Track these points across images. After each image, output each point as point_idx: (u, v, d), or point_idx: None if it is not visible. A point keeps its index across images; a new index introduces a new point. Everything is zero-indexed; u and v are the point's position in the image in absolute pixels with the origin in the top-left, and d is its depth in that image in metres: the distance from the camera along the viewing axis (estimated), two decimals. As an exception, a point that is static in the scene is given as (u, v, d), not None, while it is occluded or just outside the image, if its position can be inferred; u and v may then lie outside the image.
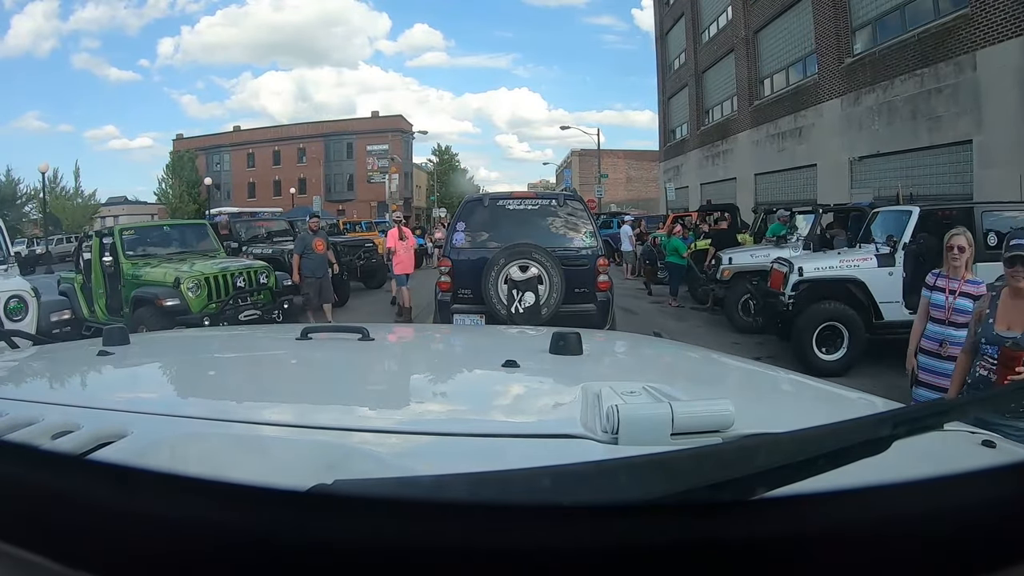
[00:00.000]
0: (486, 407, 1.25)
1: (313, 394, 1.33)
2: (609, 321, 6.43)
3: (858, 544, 0.42)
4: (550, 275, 6.08)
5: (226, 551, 0.41)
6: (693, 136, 28.21)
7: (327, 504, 0.45)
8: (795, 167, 18.92)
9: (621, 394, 0.99)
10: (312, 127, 59.78)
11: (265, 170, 58.95)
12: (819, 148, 17.46)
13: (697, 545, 0.41)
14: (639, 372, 1.70)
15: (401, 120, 57.43)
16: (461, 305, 6.45)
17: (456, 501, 0.47)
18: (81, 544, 0.42)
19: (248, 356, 1.85)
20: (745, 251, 10.01)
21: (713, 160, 25.61)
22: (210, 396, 1.32)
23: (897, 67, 14.29)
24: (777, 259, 8.06)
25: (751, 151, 21.87)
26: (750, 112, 22.06)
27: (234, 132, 62.52)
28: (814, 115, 17.81)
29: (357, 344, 1.64)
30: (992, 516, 0.44)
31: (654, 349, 2.04)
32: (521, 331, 2.51)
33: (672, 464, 0.53)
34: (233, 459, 0.85)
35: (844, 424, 0.63)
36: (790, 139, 19.19)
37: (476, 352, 1.94)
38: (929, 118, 13.37)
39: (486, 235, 6.60)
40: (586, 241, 6.57)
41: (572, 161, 60.86)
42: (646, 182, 56.91)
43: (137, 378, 1.48)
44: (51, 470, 0.45)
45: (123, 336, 1.61)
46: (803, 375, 1.65)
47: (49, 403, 1.06)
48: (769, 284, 7.84)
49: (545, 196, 7.32)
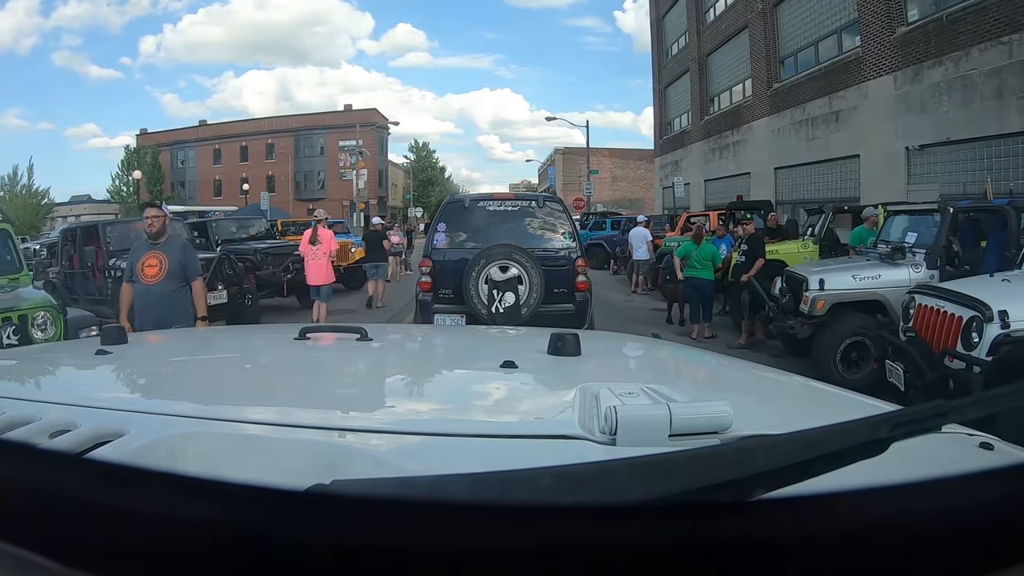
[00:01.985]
0: (485, 408, 1.27)
1: (311, 394, 1.33)
2: (588, 321, 6.38)
3: (857, 546, 0.42)
4: (530, 275, 6.11)
5: (224, 551, 0.41)
6: (696, 127, 25.18)
7: (325, 504, 0.45)
8: (830, 159, 15.97)
9: (619, 395, 0.99)
10: (281, 121, 55.85)
11: (232, 167, 54.90)
12: (863, 135, 14.52)
13: (695, 546, 0.41)
14: (637, 373, 1.74)
15: (376, 114, 53.61)
16: (442, 305, 6.44)
17: (455, 501, 0.48)
18: (78, 543, 0.43)
19: (246, 356, 1.86)
20: (839, 270, 6.68)
21: (721, 153, 22.64)
22: (208, 395, 1.29)
23: (974, 33, 11.42)
24: (924, 288, 5.04)
25: (770, 141, 18.92)
26: (768, 96, 19.11)
27: (200, 127, 58.62)
28: (856, 96, 14.88)
29: (355, 344, 1.66)
30: (990, 518, 0.44)
31: (652, 350, 2.05)
32: (519, 332, 2.61)
33: (670, 465, 0.53)
34: (231, 459, 0.85)
35: (842, 426, 0.63)
36: (823, 126, 16.25)
37: (475, 353, 1.94)
38: (1021, 96, 10.53)
39: (466, 236, 6.60)
40: (565, 242, 6.58)
41: (556, 159, 58.80)
42: (632, 181, 54.94)
43: (135, 377, 1.49)
44: (49, 469, 0.45)
45: (121, 335, 1.62)
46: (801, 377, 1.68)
47: (47, 402, 1.06)
48: (923, 333, 4.75)
49: (525, 197, 7.43)
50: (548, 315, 6.06)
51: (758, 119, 19.75)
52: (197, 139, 57.14)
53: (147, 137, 57.00)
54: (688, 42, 25.87)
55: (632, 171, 55.26)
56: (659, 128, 30.22)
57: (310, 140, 53.77)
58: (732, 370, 1.77)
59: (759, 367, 2.05)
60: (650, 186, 55.95)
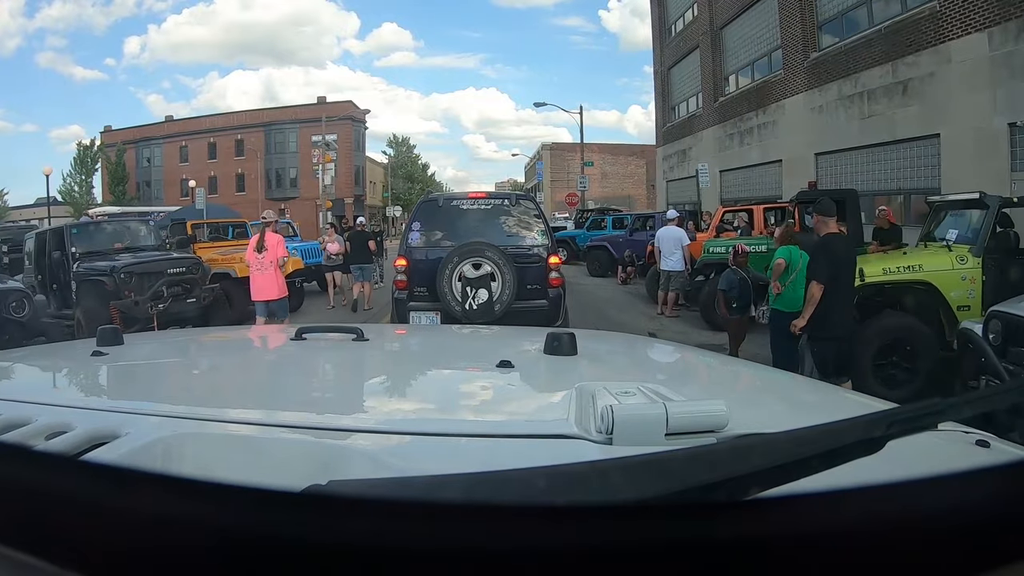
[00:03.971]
0: (481, 408, 1.27)
1: (307, 394, 1.34)
2: (561, 316, 6.42)
3: (852, 545, 0.42)
4: (502, 272, 6.14)
5: (220, 552, 0.41)
6: (708, 110, 22.11)
7: (322, 505, 0.45)
8: (896, 140, 12.99)
9: (615, 394, 1.00)
10: (251, 115, 51.92)
11: (200, 165, 51.23)
12: (946, 111, 11.54)
13: (691, 546, 0.41)
14: (633, 372, 1.73)
15: (351, 107, 48.97)
16: (417, 303, 6.45)
17: (451, 502, 0.48)
18: (74, 545, 0.43)
19: (243, 357, 1.87)
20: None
21: (741, 138, 19.62)
22: (204, 396, 1.29)
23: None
24: None
25: (809, 121, 15.90)
26: (805, 68, 16.09)
27: (166, 123, 54.69)
28: (933, 61, 11.87)
29: (351, 344, 1.67)
30: (986, 516, 0.44)
31: (649, 349, 2.06)
32: (516, 331, 2.62)
33: (666, 464, 0.53)
34: (227, 460, 0.85)
35: (838, 424, 0.63)
36: (884, 100, 13.24)
37: (471, 353, 1.95)
38: None
39: (441, 234, 6.64)
40: (538, 239, 6.64)
41: (543, 155, 55.90)
42: (622, 178, 52.24)
43: (131, 378, 1.49)
44: (44, 471, 0.45)
45: (116, 336, 1.61)
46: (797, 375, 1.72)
47: (43, 403, 1.06)
48: None
49: (498, 196, 7.34)
50: (521, 311, 6.12)
51: (792, 96, 16.72)
52: (163, 136, 53.24)
53: (112, 135, 52.85)
54: (697, 15, 22.79)
55: (622, 167, 52.59)
56: (662, 114, 27.05)
57: (281, 135, 50.00)
58: (729, 369, 1.87)
59: (756, 366, 2.09)
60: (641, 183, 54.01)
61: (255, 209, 44.50)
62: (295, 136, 48.84)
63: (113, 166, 47.78)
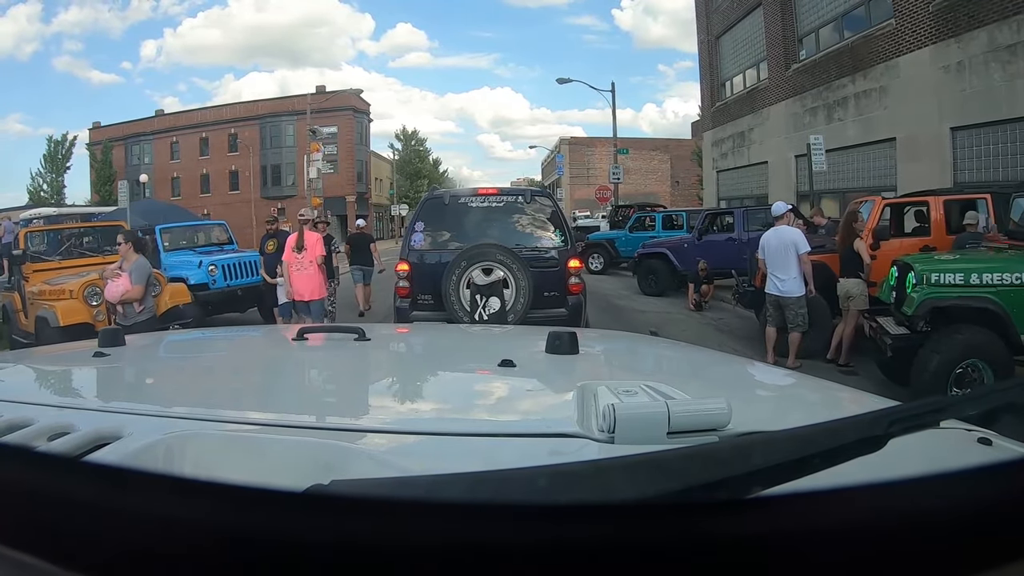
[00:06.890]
0: (483, 407, 1.27)
1: (309, 394, 1.34)
2: (583, 326, 5.45)
3: (854, 543, 0.41)
4: (516, 278, 5.61)
5: (222, 552, 0.41)
6: (776, 81, 17.94)
7: (324, 504, 0.45)
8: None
9: (617, 393, 0.99)
10: (246, 108, 48.27)
11: (191, 162, 48.02)
12: None
13: (693, 544, 0.41)
14: (635, 371, 1.73)
15: (354, 98, 44.91)
16: (421, 312, 5.89)
17: (453, 501, 0.48)
18: (78, 546, 0.43)
19: (244, 357, 1.85)
20: None
21: (829, 112, 15.46)
22: (206, 397, 1.29)
23: None
24: None
25: (936, 87, 11.82)
26: (931, 15, 12.00)
27: (156, 117, 51.23)
28: None
29: (353, 344, 1.64)
30: (988, 514, 0.43)
31: (650, 348, 2.03)
32: (518, 331, 2.63)
33: (668, 463, 0.53)
34: (229, 460, 0.84)
35: (840, 422, 0.62)
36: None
37: (473, 352, 1.93)
38: None
39: (447, 235, 6.09)
40: (556, 240, 6.07)
41: (563, 149, 52.68)
42: (645, 174, 48.89)
43: (132, 379, 1.48)
44: (47, 472, 0.45)
45: (118, 337, 1.60)
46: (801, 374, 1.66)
47: (45, 405, 1.06)
48: None
49: (511, 192, 6.62)
50: (538, 321, 5.42)
51: (908, 53, 12.63)
52: (153, 131, 50.04)
53: (100, 131, 49.99)
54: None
55: (644, 162, 49.12)
56: (710, 93, 22.85)
57: (278, 128, 46.24)
58: (731, 367, 1.81)
59: (758, 364, 2.08)
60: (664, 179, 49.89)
61: (250, 209, 41.24)
62: (292, 130, 44.90)
63: (99, 164, 44.91)
